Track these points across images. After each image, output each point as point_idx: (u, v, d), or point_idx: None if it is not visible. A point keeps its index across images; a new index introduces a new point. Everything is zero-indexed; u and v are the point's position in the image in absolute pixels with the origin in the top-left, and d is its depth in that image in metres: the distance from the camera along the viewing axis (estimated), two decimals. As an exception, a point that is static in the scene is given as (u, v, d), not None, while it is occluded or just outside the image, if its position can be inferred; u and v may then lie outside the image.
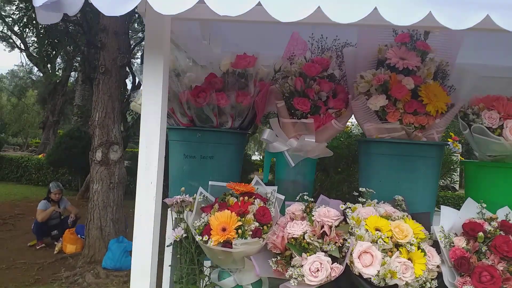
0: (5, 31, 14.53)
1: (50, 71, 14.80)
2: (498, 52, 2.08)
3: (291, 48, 1.98)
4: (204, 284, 1.74)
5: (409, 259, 1.49)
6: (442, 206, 1.67)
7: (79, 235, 6.35)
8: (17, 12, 11.66)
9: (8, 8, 12.58)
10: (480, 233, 1.48)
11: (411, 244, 1.48)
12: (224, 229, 1.53)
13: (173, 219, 1.76)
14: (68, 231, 6.37)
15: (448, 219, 1.64)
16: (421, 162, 1.81)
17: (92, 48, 10.07)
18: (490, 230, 1.53)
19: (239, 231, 1.52)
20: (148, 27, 1.48)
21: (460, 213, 1.66)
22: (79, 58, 12.53)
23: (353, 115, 1.91)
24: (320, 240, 1.51)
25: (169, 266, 1.79)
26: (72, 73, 15.49)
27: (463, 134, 1.74)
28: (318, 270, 1.44)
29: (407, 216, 1.65)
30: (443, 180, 4.39)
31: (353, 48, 1.88)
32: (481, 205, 1.64)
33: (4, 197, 9.82)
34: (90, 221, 5.63)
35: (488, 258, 1.47)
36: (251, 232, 1.55)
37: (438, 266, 1.53)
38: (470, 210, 1.66)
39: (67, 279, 5.13)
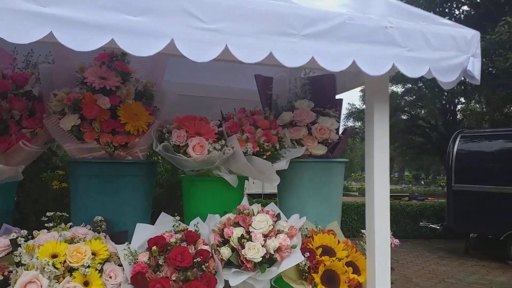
0: None
1: None
2: (205, 73, 2.28)
3: (-9, 61, 1.79)
4: None
5: (86, 281, 1.45)
6: (137, 224, 1.70)
7: None
8: None
9: None
10: (154, 247, 1.55)
11: (87, 267, 1.45)
12: None
13: None
14: None
15: (142, 235, 1.68)
16: (127, 181, 1.84)
17: None
18: (172, 242, 1.61)
19: None
20: None
21: (154, 228, 1.71)
22: None
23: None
24: (-22, 277, 1.35)
25: None
26: None
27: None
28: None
29: (102, 235, 1.63)
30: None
31: (49, 65, 1.80)
32: (175, 218, 1.72)
33: None
34: None
35: (163, 271, 1.53)
36: None
37: (120, 284, 1.53)
38: (165, 224, 1.73)
39: None
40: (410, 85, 20.91)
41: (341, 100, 2.33)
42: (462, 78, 1.68)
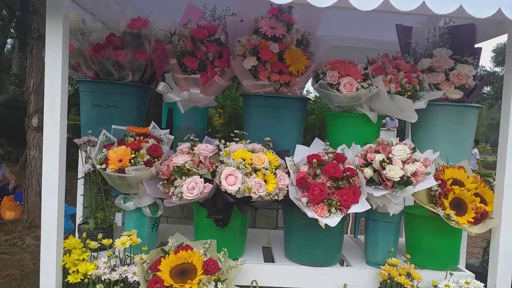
0: None
1: (-16, 38, 14.08)
2: (351, 26, 2.61)
3: (187, 15, 2.40)
4: (110, 210, 2.17)
5: (265, 180, 2.00)
6: (297, 145, 2.19)
7: (18, 202, 6.45)
8: None
9: None
10: (314, 160, 2.02)
11: (266, 169, 1.99)
12: (120, 160, 1.96)
13: (83, 157, 2.16)
14: (6, 197, 6.47)
15: (301, 154, 2.18)
16: (287, 111, 2.34)
17: (27, 12, 9.79)
18: (326, 159, 2.06)
19: (132, 161, 1.96)
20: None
21: (310, 149, 2.20)
22: (14, 24, 12.06)
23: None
24: (197, 167, 1.98)
25: (81, 195, 2.20)
26: (9, 40, 14.79)
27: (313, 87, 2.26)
28: (193, 188, 1.92)
29: (270, 151, 2.16)
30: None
31: (233, 17, 2.32)
32: (325, 143, 2.17)
33: None
34: (28, 187, 5.80)
35: (320, 178, 2.00)
36: (143, 163, 1.98)
37: (288, 186, 2.05)
38: (318, 147, 2.20)
39: (6, 242, 5.36)
40: None
41: (480, 49, 2.47)
42: None
